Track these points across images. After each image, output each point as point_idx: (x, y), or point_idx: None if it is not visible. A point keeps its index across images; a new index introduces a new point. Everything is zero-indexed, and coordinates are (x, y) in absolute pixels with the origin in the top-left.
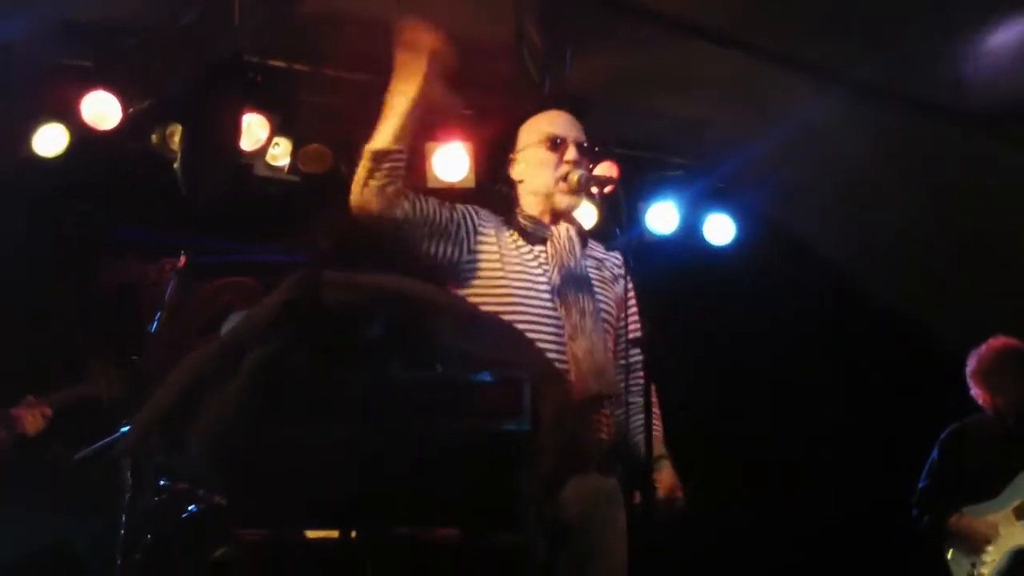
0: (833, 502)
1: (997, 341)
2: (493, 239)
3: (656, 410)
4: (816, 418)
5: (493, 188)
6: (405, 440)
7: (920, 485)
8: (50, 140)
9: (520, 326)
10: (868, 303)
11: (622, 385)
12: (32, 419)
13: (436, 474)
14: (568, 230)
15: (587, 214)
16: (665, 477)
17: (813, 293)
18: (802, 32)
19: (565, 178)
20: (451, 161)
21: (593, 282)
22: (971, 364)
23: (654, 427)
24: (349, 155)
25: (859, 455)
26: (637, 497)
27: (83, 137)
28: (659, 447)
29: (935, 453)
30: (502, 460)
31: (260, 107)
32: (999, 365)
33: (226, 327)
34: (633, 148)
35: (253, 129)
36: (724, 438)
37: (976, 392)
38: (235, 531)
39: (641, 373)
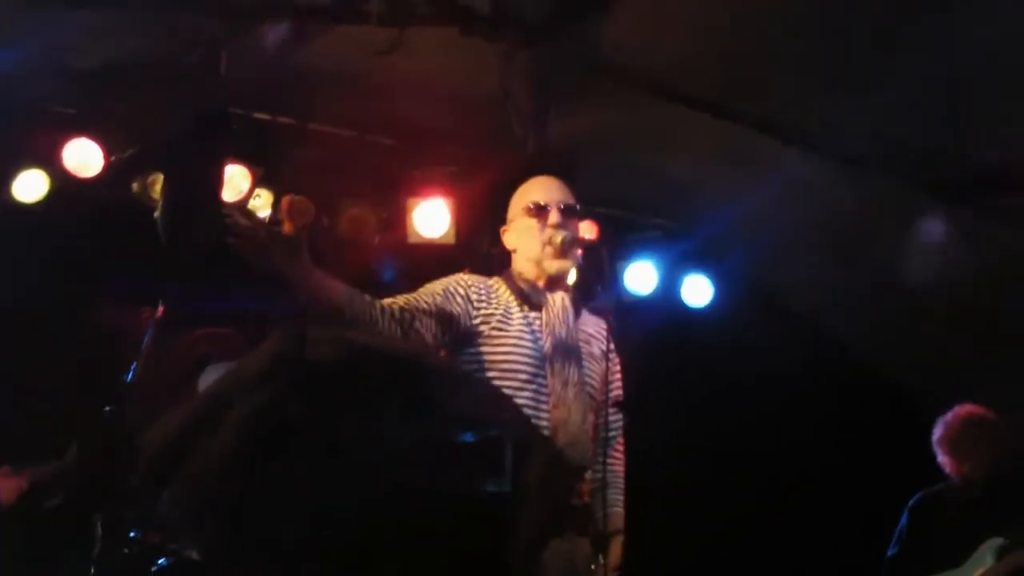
0: (814, 561)
1: (963, 409)
2: (488, 309)
3: (622, 484)
4: (796, 479)
5: (473, 244)
6: (386, 499)
7: (889, 552)
8: (31, 186)
9: (509, 390)
10: (850, 363)
11: (600, 458)
12: (7, 490)
13: (416, 534)
14: (563, 299)
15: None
16: (613, 554)
17: (793, 354)
18: (785, 96)
19: (550, 241)
20: (432, 217)
21: (582, 355)
22: (938, 431)
23: (619, 502)
24: (332, 208)
25: (840, 515)
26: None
27: (64, 184)
28: (618, 522)
29: (904, 520)
30: (483, 521)
31: (242, 158)
32: (966, 433)
33: (204, 379)
34: (613, 207)
35: (235, 180)
36: (702, 497)
37: (943, 460)
38: None
39: (619, 442)
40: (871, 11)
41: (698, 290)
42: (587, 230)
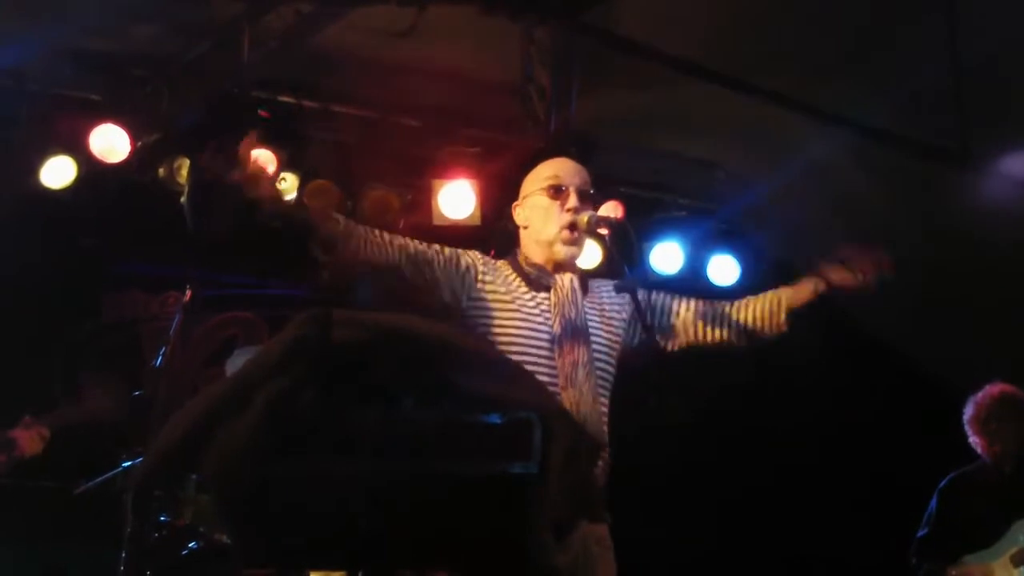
0: (828, 545)
1: (995, 388)
2: (494, 286)
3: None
4: (820, 459)
5: (498, 224)
6: (413, 480)
7: (919, 534)
8: (58, 172)
9: None
10: (873, 344)
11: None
12: (30, 441)
13: (443, 515)
14: (571, 280)
15: (593, 253)
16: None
17: (817, 333)
18: (810, 74)
19: (569, 225)
20: (457, 199)
21: (591, 331)
22: (969, 411)
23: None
24: (355, 190)
25: (860, 497)
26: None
27: (91, 169)
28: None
29: (934, 501)
30: (510, 502)
31: (268, 142)
32: (997, 412)
33: (230, 362)
34: (638, 188)
35: (260, 164)
36: (727, 477)
37: (974, 439)
38: (239, 569)
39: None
40: None
41: (725, 269)
42: (613, 210)
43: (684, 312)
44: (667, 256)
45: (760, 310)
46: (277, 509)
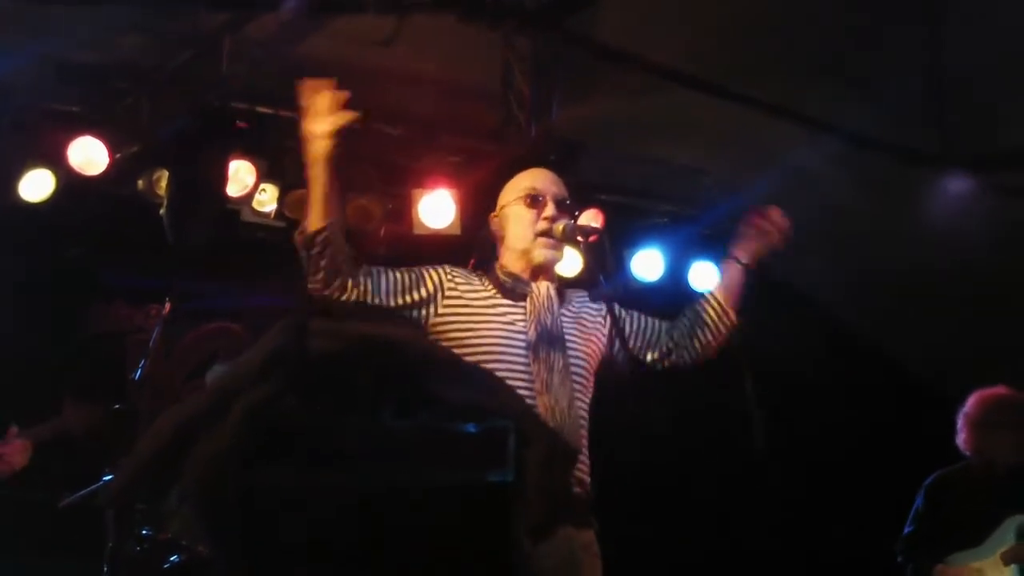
0: (821, 544)
1: (1000, 389)
2: (464, 299)
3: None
4: (806, 462)
5: (479, 233)
6: (389, 490)
7: (905, 531)
8: (37, 185)
9: None
10: (858, 350)
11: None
12: (18, 453)
13: (419, 525)
14: (548, 288)
15: (572, 262)
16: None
17: (801, 340)
18: (795, 80)
19: (545, 233)
20: (437, 208)
21: (568, 338)
22: (969, 409)
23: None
24: None
25: (850, 499)
26: None
27: (70, 182)
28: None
29: (920, 499)
30: (486, 511)
31: (247, 153)
32: (998, 414)
33: (211, 374)
34: (620, 194)
35: (240, 175)
36: (709, 482)
37: (966, 436)
38: None
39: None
40: None
41: (706, 276)
42: (592, 218)
43: (655, 327)
44: (648, 263)
45: (711, 317)
46: (257, 520)
